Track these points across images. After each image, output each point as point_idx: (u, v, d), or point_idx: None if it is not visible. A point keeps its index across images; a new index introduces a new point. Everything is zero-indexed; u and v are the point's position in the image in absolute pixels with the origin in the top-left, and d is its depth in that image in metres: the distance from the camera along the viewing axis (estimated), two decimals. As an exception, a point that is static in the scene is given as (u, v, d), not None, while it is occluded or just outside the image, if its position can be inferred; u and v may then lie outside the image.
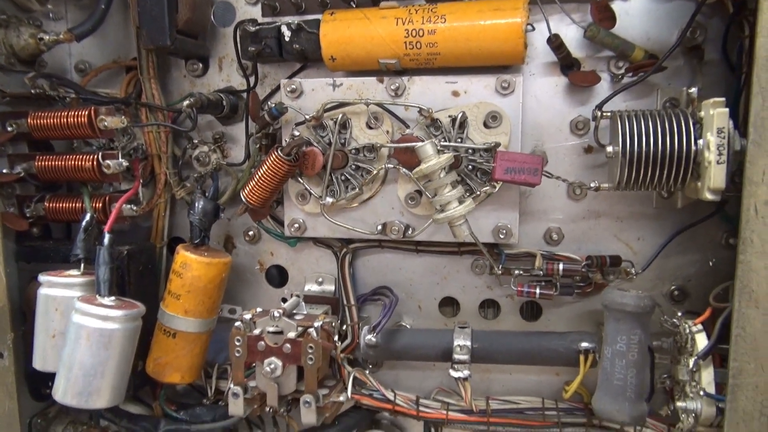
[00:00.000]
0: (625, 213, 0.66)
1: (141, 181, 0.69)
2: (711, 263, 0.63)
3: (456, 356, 0.64)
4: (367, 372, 0.71)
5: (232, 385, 0.64)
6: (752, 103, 0.47)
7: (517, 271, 0.66)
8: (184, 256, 0.67)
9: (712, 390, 0.52)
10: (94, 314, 0.57)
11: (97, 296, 0.59)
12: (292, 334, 0.62)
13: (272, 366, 0.62)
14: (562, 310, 0.70)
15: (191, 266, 0.66)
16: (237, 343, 0.63)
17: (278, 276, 0.78)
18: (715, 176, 0.50)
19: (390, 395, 0.71)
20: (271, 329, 0.62)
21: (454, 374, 0.63)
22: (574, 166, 0.66)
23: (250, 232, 0.76)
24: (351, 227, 0.68)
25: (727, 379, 0.49)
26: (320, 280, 0.75)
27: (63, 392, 0.59)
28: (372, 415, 0.75)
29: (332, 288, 0.74)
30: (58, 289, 0.61)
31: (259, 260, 0.77)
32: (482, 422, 0.69)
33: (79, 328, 0.57)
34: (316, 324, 0.63)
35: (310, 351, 0.62)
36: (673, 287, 0.66)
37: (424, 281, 0.73)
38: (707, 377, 0.53)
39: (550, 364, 0.67)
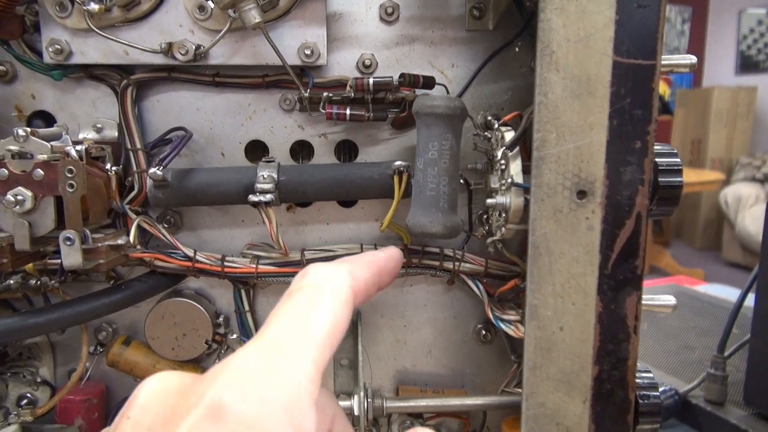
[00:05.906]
0: (438, 37, 0.63)
1: None
2: (517, 48, 0.61)
3: (259, 185, 0.56)
4: (161, 226, 0.61)
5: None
6: None
7: (325, 93, 0.59)
8: None
9: (520, 180, 0.50)
10: None
11: None
12: (44, 157, 0.50)
13: (18, 197, 0.49)
14: (378, 148, 0.65)
15: None
16: (-34, 173, 0.49)
17: (45, 126, 0.63)
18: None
19: (189, 252, 0.61)
20: (13, 147, 0.48)
21: (254, 198, 0.54)
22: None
23: (1, 68, 0.61)
24: (128, 43, 0.56)
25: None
26: (99, 126, 0.62)
27: None
28: (171, 283, 0.64)
29: (115, 134, 0.62)
30: None
31: (16, 105, 0.62)
32: (297, 273, 0.62)
33: None
34: (78, 147, 0.51)
35: (69, 175, 0.49)
36: (488, 116, 0.64)
37: (227, 123, 0.63)
38: (515, 168, 0.50)
39: (365, 196, 0.61)
